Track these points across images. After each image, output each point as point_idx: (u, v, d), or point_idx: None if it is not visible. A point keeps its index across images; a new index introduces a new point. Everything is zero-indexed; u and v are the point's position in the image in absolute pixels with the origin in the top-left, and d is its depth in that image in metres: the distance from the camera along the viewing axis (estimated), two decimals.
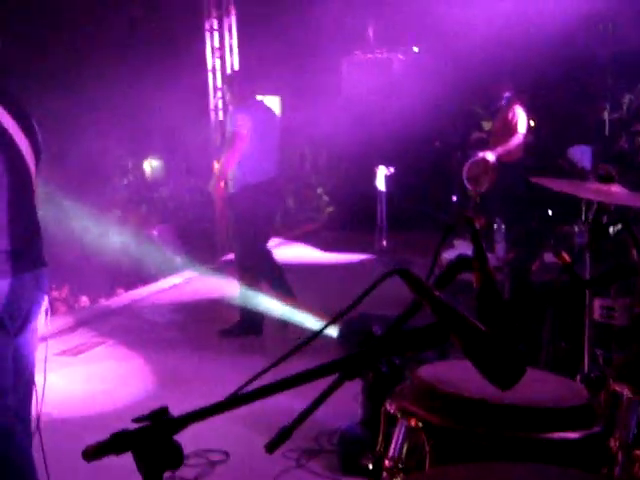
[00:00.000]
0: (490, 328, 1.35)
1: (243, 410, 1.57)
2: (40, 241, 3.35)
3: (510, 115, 8.75)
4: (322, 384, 1.62)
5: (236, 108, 6.55)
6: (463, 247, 7.01)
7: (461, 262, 1.75)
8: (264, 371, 1.67)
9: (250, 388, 1.58)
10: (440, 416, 1.74)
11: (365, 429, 3.98)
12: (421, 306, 1.54)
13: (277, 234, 11.53)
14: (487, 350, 1.27)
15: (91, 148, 12.19)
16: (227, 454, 4.37)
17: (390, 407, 1.85)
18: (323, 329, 1.61)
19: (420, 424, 1.75)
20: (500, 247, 7.04)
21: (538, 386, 1.87)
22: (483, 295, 1.65)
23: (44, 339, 3.56)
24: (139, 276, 9.28)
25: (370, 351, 1.42)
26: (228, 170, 6.47)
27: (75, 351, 6.36)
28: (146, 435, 1.52)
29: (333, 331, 6.07)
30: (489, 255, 1.89)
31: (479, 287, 1.71)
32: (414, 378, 1.86)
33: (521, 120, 8.72)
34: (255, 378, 1.68)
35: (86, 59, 12.53)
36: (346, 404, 4.06)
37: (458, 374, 1.84)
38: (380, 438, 1.90)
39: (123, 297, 8.25)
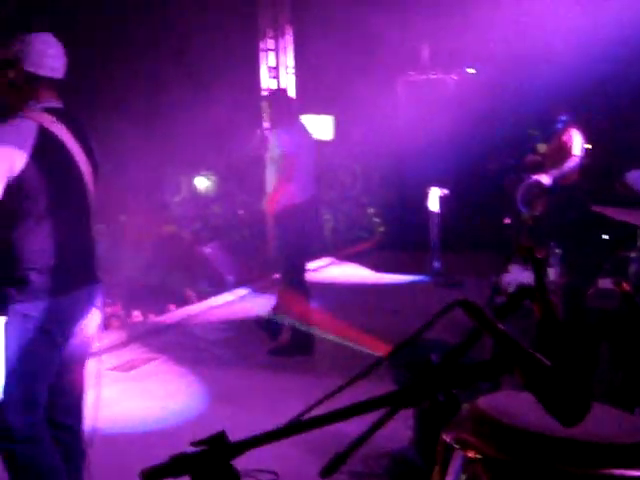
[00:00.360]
0: (553, 362, 1.33)
1: None
2: (94, 258, 3.42)
3: (566, 138, 8.65)
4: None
5: (281, 129, 6.56)
6: (517, 271, 6.95)
7: (522, 292, 1.73)
8: (323, 399, 1.67)
9: (303, 411, 1.57)
10: (499, 448, 1.72)
11: (416, 453, 3.95)
12: (480, 337, 1.53)
13: (328, 253, 11.55)
14: (552, 387, 1.26)
15: (146, 164, 12.34)
16: (277, 475, 4.36)
17: (447, 437, 1.83)
18: (385, 360, 1.60)
19: (478, 456, 1.73)
20: (554, 271, 6.95)
21: (597, 420, 1.84)
22: (544, 326, 1.63)
23: (97, 354, 3.61)
24: (191, 293, 9.36)
25: (429, 382, 1.41)
26: (281, 190, 6.51)
27: (127, 366, 6.43)
28: (204, 460, 1.52)
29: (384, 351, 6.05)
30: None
31: (540, 318, 1.70)
32: (472, 409, 1.84)
33: (577, 143, 8.61)
34: (313, 407, 1.68)
35: (139, 78, 12.71)
36: (396, 427, 4.03)
37: (517, 406, 1.82)
38: (437, 468, 1.88)
39: (175, 313, 8.32)
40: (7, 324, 3.13)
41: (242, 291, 8.95)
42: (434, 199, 9.51)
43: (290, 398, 5.62)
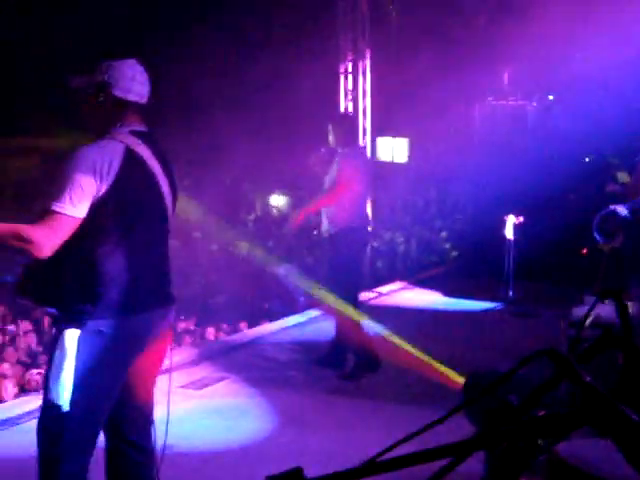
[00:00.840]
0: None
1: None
2: (169, 278, 3.47)
3: None
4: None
5: (345, 152, 6.59)
6: (591, 302, 6.79)
7: (607, 338, 1.69)
8: (402, 441, 1.65)
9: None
10: None
11: None
12: (560, 382, 1.49)
13: (400, 277, 11.50)
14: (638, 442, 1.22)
15: (224, 182, 12.51)
16: None
17: None
18: (463, 406, 1.58)
19: None
20: (634, 306, 6.78)
21: None
22: (630, 376, 1.59)
23: (167, 372, 3.65)
24: (263, 312, 9.42)
25: (512, 429, 1.38)
26: (318, 208, 6.68)
27: (199, 385, 6.48)
28: None
29: (458, 380, 6.01)
30: None
31: (625, 366, 1.66)
32: (553, 456, 1.81)
33: None
34: (391, 448, 1.66)
35: (223, 98, 12.91)
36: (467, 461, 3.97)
37: (596, 454, 1.78)
38: None
39: (247, 333, 8.37)
40: (80, 339, 3.17)
41: (313, 312, 8.96)
42: (509, 226, 9.40)
43: (358, 423, 5.60)
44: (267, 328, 8.50)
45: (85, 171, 3.07)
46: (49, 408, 3.22)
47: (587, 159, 11.17)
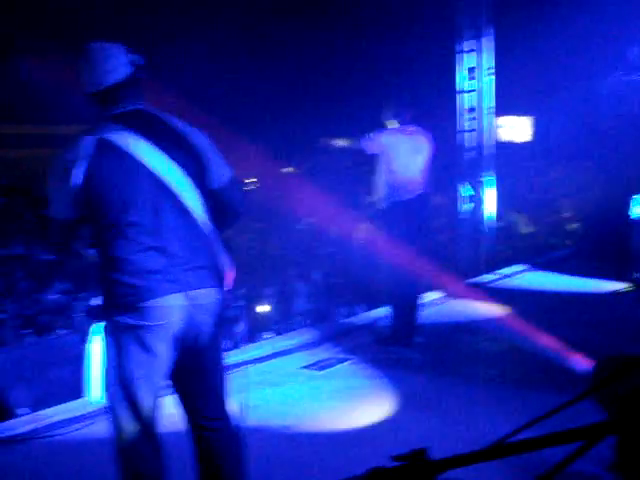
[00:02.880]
0: None
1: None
2: (201, 260, 3.26)
3: None
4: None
5: (386, 130, 6.92)
6: None
7: None
8: (530, 423, 1.61)
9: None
10: None
11: (618, 474, 3.75)
12: None
13: (524, 259, 11.26)
14: None
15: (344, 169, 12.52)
16: None
17: None
18: (593, 390, 1.53)
19: None
20: None
21: None
22: None
23: (245, 364, 3.56)
24: (380, 295, 9.40)
25: None
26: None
27: (320, 365, 6.52)
28: (405, 475, 1.50)
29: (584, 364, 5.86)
30: None
31: None
32: None
33: None
34: (519, 430, 1.62)
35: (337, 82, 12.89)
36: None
37: None
38: None
39: (367, 315, 8.38)
40: (106, 332, 3.22)
41: (434, 295, 8.88)
42: (637, 205, 9.06)
43: (480, 406, 5.52)
44: (386, 310, 8.46)
45: (57, 173, 3.16)
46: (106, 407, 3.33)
47: None
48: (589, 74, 12.03)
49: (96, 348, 3.19)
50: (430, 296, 8.79)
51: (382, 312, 8.38)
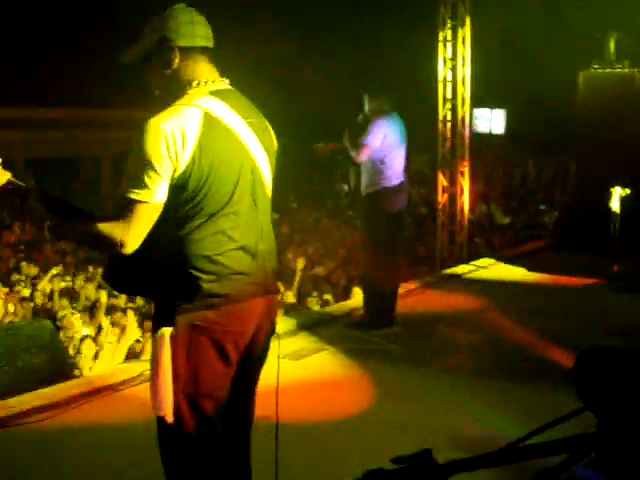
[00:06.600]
0: None
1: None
2: (272, 264, 3.02)
3: None
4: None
5: (377, 120, 6.86)
6: None
7: None
8: (532, 434, 1.55)
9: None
10: None
11: (599, 474, 3.72)
12: None
13: (498, 251, 11.26)
14: None
15: None
16: None
17: None
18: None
19: None
20: None
21: None
22: None
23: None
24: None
25: None
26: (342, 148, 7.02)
27: (296, 355, 6.44)
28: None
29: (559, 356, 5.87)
30: None
31: None
32: None
33: None
34: (523, 440, 1.56)
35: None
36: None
37: None
38: None
39: (344, 305, 8.33)
40: (174, 337, 2.78)
41: (410, 285, 8.84)
42: (615, 199, 9.05)
43: (456, 398, 5.49)
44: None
45: (156, 148, 2.64)
46: (159, 422, 2.88)
47: None
48: (565, 66, 12.03)
49: (162, 353, 2.79)
50: (407, 286, 8.75)
51: (359, 302, 8.34)
